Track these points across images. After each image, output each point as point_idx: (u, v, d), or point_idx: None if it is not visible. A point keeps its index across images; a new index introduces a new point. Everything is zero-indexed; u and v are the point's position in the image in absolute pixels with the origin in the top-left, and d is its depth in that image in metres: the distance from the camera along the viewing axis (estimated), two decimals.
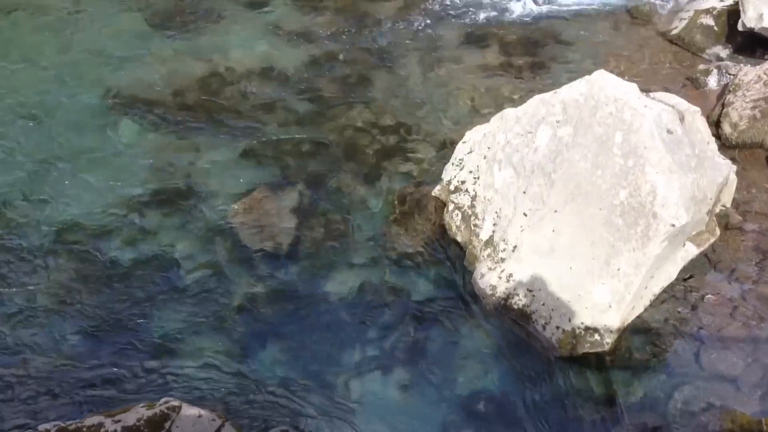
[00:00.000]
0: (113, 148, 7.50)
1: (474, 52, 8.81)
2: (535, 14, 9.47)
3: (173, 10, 9.48)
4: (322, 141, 7.56)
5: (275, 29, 9.18)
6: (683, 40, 8.64)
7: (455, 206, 6.39)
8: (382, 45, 8.95)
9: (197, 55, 8.72)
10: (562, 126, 5.72)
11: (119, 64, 8.58)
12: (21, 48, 8.79)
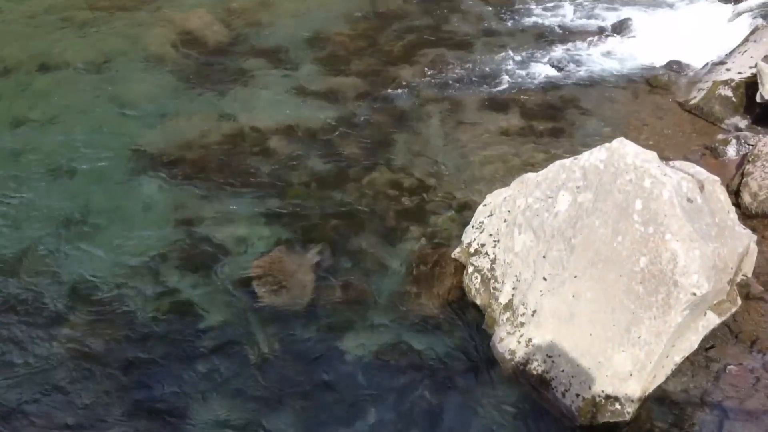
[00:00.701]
0: (136, 204, 7.61)
1: (495, 117, 8.94)
2: (556, 81, 9.61)
3: (201, 70, 9.72)
4: (343, 201, 7.65)
5: (300, 90, 9.37)
6: (702, 110, 8.73)
7: (475, 269, 6.42)
8: (404, 107, 9.09)
9: (223, 114, 8.90)
10: (582, 192, 5.76)
11: (146, 122, 8.77)
12: (48, 103, 9.01)
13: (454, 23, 11.01)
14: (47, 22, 10.60)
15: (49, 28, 10.46)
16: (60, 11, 10.88)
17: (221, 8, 11.11)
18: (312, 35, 10.54)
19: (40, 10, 10.88)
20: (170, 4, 11.17)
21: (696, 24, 10.58)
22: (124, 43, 10.24)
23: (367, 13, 11.20)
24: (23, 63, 9.65)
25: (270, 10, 11.17)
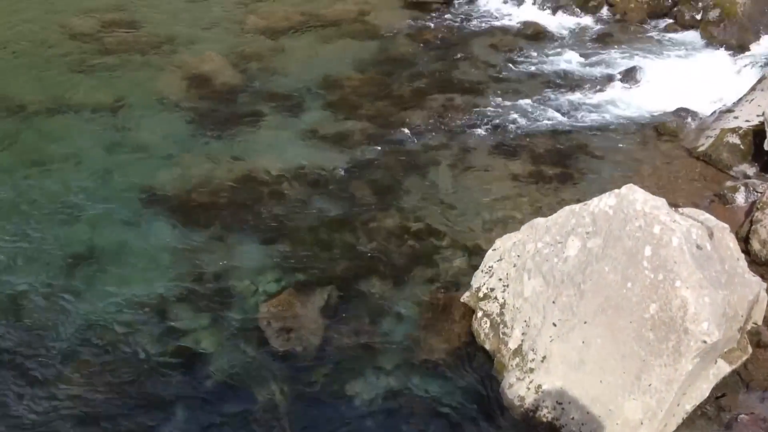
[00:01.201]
0: (144, 247, 7.62)
1: (504, 161, 9.00)
2: (565, 127, 9.69)
3: (213, 113, 9.83)
4: (352, 244, 7.67)
5: (311, 134, 9.46)
6: (710, 157, 8.77)
7: (484, 313, 6.41)
8: (414, 152, 9.17)
9: (233, 157, 8.97)
10: (592, 237, 5.78)
11: (156, 164, 8.84)
12: (60, 145, 9.09)
13: (464, 69, 11.14)
14: (61, 65, 10.76)
15: (63, 71, 10.62)
16: (74, 55, 11.06)
17: (234, 53, 11.29)
18: (323, 80, 10.67)
19: (55, 54, 11.06)
20: (184, 48, 11.36)
21: (703, 72, 10.70)
22: (137, 85, 10.39)
23: (377, 59, 11.37)
24: (37, 105, 9.77)
25: (282, 55, 11.34)
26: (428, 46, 11.83)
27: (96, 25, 11.90)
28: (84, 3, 12.65)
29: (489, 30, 12.44)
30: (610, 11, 12.74)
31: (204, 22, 12.27)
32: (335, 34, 12.10)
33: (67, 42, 11.40)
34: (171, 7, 12.79)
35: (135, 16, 12.29)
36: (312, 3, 13.11)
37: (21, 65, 10.73)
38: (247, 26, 12.16)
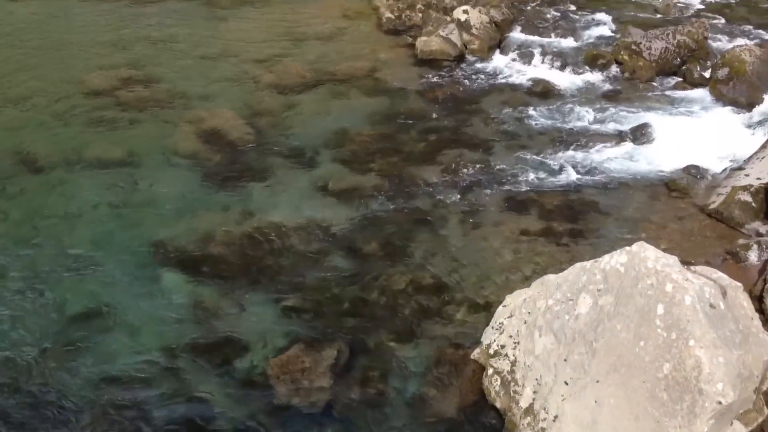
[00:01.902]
0: (155, 300, 7.62)
1: (514, 217, 8.99)
2: (575, 183, 9.71)
3: (225, 167, 9.91)
4: (362, 299, 7.64)
5: (322, 189, 9.51)
6: (722, 214, 8.75)
7: (495, 371, 6.34)
8: (424, 207, 9.19)
9: (245, 211, 9.01)
10: (603, 295, 5.74)
11: (168, 218, 8.89)
12: (73, 199, 9.17)
13: (474, 125, 11.23)
14: (76, 121, 10.92)
15: (77, 127, 10.77)
16: (89, 111, 11.22)
17: (247, 108, 11.44)
18: (334, 135, 10.77)
19: (69, 109, 11.22)
20: (197, 104, 11.52)
21: (713, 130, 10.75)
22: (150, 140, 10.50)
23: (388, 115, 11.48)
24: (50, 159, 9.87)
25: (294, 111, 11.48)
26: (439, 103, 11.96)
27: (111, 81, 12.09)
28: (100, 60, 12.91)
29: (499, 87, 12.58)
30: (618, 69, 12.86)
31: (217, 79, 12.46)
32: (347, 91, 12.26)
33: (82, 98, 11.59)
34: (185, 64, 13.02)
35: (150, 73, 12.50)
36: (324, 60, 13.32)
37: (36, 121, 10.87)
38: (260, 83, 12.35)
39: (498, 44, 13.92)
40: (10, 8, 15.35)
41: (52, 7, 15.47)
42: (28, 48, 13.29)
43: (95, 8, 15.49)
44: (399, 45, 14.22)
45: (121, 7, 15.65)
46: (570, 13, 15.26)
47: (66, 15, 15.07)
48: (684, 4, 16.09)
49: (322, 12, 15.73)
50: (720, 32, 14.23)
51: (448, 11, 14.69)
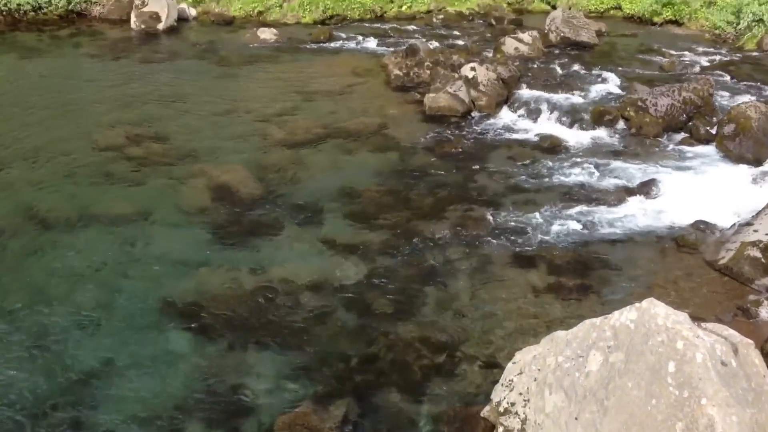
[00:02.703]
0: (163, 355, 7.57)
1: (523, 273, 8.97)
2: (583, 238, 9.71)
3: (234, 223, 9.95)
4: (370, 355, 7.59)
5: (330, 244, 9.53)
6: (731, 270, 8.72)
7: (505, 429, 6.24)
8: (432, 262, 9.18)
9: (253, 266, 9.02)
10: (614, 352, 5.69)
11: (177, 273, 8.89)
12: (83, 255, 9.17)
13: (482, 180, 11.30)
14: (86, 177, 11.01)
15: (88, 182, 10.85)
16: (99, 166, 11.32)
17: (256, 164, 11.54)
18: (342, 190, 10.84)
19: (80, 166, 11.33)
20: (207, 160, 11.63)
21: (721, 185, 10.78)
22: (160, 196, 10.57)
23: (397, 170, 11.56)
24: (59, 215, 9.92)
25: (302, 167, 11.57)
26: (447, 158, 12.05)
27: (120, 138, 12.23)
28: (109, 117, 13.08)
29: (506, 143, 12.69)
30: (625, 125, 12.98)
31: (227, 135, 12.61)
32: (356, 147, 12.37)
33: (91, 155, 11.71)
34: (196, 120, 13.18)
35: (159, 130, 12.66)
36: (333, 116, 13.49)
37: (44, 178, 10.95)
38: (269, 139, 12.48)
39: (505, 100, 14.09)
40: (20, 66, 15.64)
41: (62, 64, 15.77)
42: (38, 106, 13.50)
43: (105, 66, 15.78)
44: (407, 101, 14.40)
45: (131, 64, 15.94)
46: (576, 70, 15.48)
47: (76, 73, 15.36)
48: (689, 62, 16.30)
49: (331, 69, 15.99)
50: (725, 89, 14.39)
51: (456, 68, 14.91)
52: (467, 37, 18.43)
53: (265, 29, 18.35)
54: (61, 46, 17.16)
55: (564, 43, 17.24)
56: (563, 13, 17.87)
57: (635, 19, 19.82)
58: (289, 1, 20.04)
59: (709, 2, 18.97)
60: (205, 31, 18.81)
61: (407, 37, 18.23)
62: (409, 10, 20.51)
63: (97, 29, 18.39)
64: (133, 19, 18.42)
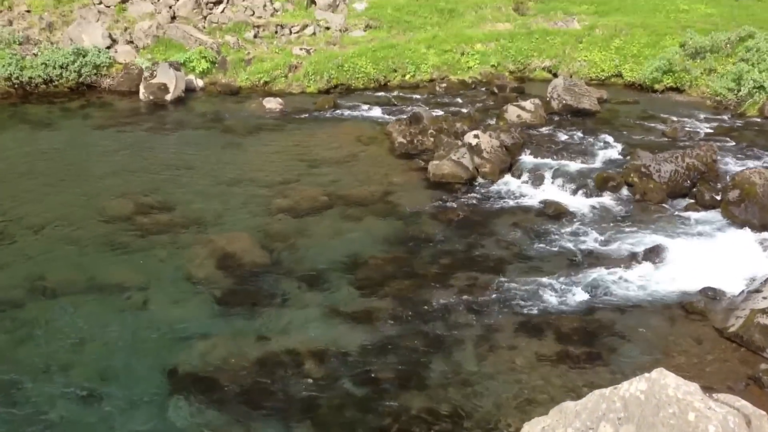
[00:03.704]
0: (168, 426, 7.48)
1: (530, 341, 8.87)
2: (590, 305, 9.63)
3: (239, 291, 9.92)
4: (376, 426, 7.46)
5: (335, 312, 9.46)
6: (741, 338, 8.61)
7: None
8: (438, 330, 9.10)
9: (258, 335, 8.95)
10: (624, 424, 5.56)
11: (182, 343, 8.83)
12: (88, 325, 9.12)
13: (487, 247, 11.27)
14: (93, 246, 11.03)
15: (95, 252, 10.87)
16: (107, 236, 11.36)
17: (261, 232, 11.56)
18: (347, 258, 10.82)
19: (87, 235, 11.36)
20: (213, 228, 11.66)
21: (728, 251, 10.73)
22: (166, 265, 10.58)
23: (401, 237, 11.56)
24: (65, 285, 9.92)
25: (307, 235, 11.58)
26: (451, 225, 12.05)
27: (128, 207, 12.30)
28: (118, 187, 13.18)
29: (511, 209, 12.70)
30: (629, 191, 13.00)
31: (233, 203, 12.67)
32: (360, 214, 12.40)
33: (101, 224, 11.77)
34: (202, 189, 13.26)
35: (168, 198, 12.73)
36: (337, 184, 13.56)
37: (52, 247, 10.98)
38: (275, 207, 12.52)
39: (509, 167, 14.17)
40: (31, 137, 15.84)
41: (71, 135, 15.97)
42: (48, 175, 13.62)
43: (114, 136, 15.98)
44: (411, 169, 14.49)
45: (139, 135, 16.14)
46: (579, 137, 15.60)
47: (85, 143, 15.54)
48: (691, 128, 16.42)
49: (336, 137, 16.16)
50: (728, 155, 14.46)
51: (459, 136, 15.06)
52: (470, 104, 18.65)
53: (271, 99, 18.62)
54: (71, 117, 17.42)
55: (566, 110, 17.42)
56: (565, 81, 18.10)
57: (636, 87, 20.07)
58: (294, 71, 20.36)
59: (709, 70, 19.21)
60: (212, 101, 19.09)
61: (411, 105, 18.45)
62: (412, 78, 20.81)
63: (107, 101, 18.69)
64: (141, 90, 18.73)
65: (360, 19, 23.55)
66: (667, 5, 24.04)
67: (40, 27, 21.02)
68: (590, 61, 20.91)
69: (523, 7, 24.78)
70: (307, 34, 22.71)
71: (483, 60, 21.35)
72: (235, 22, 22.40)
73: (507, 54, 21.50)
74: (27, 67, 18.77)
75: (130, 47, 20.77)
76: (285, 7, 23.81)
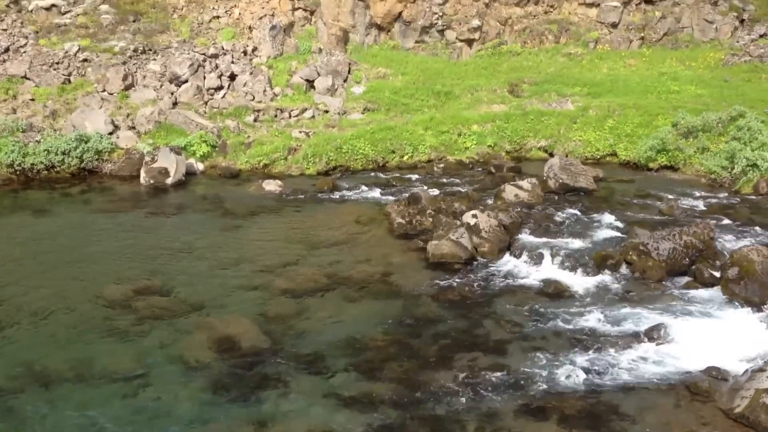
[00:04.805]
0: None
1: (533, 424, 8.76)
2: (593, 386, 9.52)
3: (238, 375, 9.82)
4: None
5: (335, 396, 9.35)
6: (748, 419, 8.49)
7: None
8: (440, 413, 8.99)
9: (257, 420, 8.83)
10: None
11: (180, 429, 8.69)
12: (85, 411, 9.01)
13: (487, 327, 11.21)
14: (90, 333, 10.95)
15: (91, 338, 10.79)
16: (104, 321, 11.29)
17: (261, 315, 11.51)
18: (347, 341, 10.75)
19: (84, 321, 11.30)
20: (212, 311, 11.61)
21: (730, 329, 10.69)
22: (164, 350, 10.49)
23: (402, 319, 11.50)
24: (62, 372, 9.82)
25: (307, 317, 11.54)
26: (452, 306, 12.00)
27: (127, 292, 12.26)
28: (116, 271, 13.18)
29: (511, 289, 12.67)
30: (628, 269, 13.00)
31: (232, 286, 12.64)
32: (360, 295, 12.37)
33: (98, 309, 11.71)
34: (200, 272, 13.26)
35: (167, 282, 12.71)
36: (337, 265, 13.57)
37: (50, 334, 10.90)
38: (274, 289, 12.50)
39: (508, 246, 14.21)
40: (32, 223, 15.88)
41: (72, 221, 16.03)
42: (48, 262, 13.62)
43: (114, 220, 16.06)
44: (410, 249, 14.52)
45: (140, 219, 16.22)
46: (576, 215, 15.71)
47: (86, 228, 15.58)
48: (687, 206, 16.54)
49: (335, 219, 16.25)
50: (725, 232, 14.54)
51: (458, 215, 15.14)
52: (468, 184, 18.81)
53: (271, 181, 18.79)
54: (72, 202, 17.53)
55: (563, 189, 17.58)
56: (560, 160, 18.33)
57: (631, 165, 20.28)
58: (294, 154, 20.61)
59: (702, 148, 19.46)
60: (212, 184, 19.26)
61: (409, 185, 18.63)
62: (410, 159, 21.04)
63: (108, 185, 18.85)
64: (142, 174, 18.92)
65: (358, 102, 23.99)
66: (658, 86, 24.48)
67: (44, 115, 21.39)
68: (585, 141, 21.20)
69: (517, 89, 25.25)
70: (306, 118, 23.10)
71: (480, 140, 21.65)
72: (235, 106, 22.81)
73: (503, 134, 21.82)
74: (29, 153, 18.99)
75: (132, 132, 21.09)
76: (285, 91, 24.27)
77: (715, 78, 25.80)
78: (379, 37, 28.41)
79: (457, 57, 28.32)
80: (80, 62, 23.50)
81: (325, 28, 27.34)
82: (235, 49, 25.44)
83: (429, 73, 26.43)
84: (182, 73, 23.40)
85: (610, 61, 27.86)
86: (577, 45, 29.02)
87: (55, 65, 23.11)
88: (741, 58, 27.23)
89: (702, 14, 29.01)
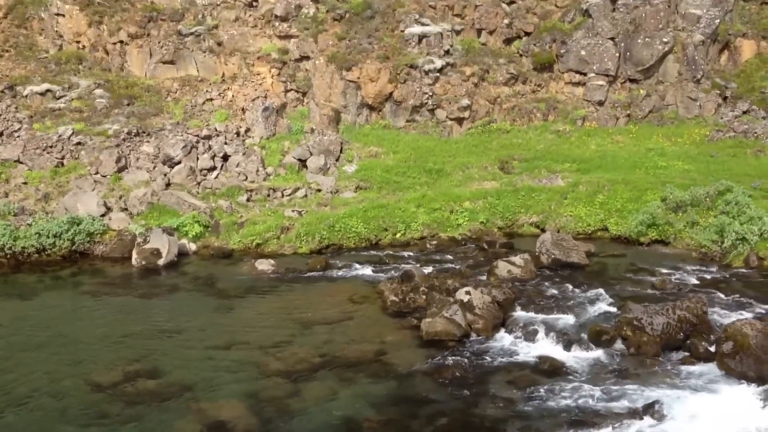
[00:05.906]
0: None
1: None
2: None
3: None
4: None
5: None
6: None
7: None
8: None
9: None
10: None
11: None
12: None
13: (482, 406, 11.06)
14: (80, 417, 10.79)
15: (82, 423, 10.60)
16: (92, 407, 11.13)
17: (253, 397, 11.35)
18: (341, 422, 10.59)
19: (71, 407, 11.13)
20: (202, 395, 11.44)
21: (727, 405, 10.59)
22: None
23: (396, 398, 11.35)
24: None
25: (300, 398, 11.38)
26: (446, 384, 11.86)
27: (116, 376, 12.12)
28: (108, 355, 13.05)
29: (505, 366, 12.55)
30: (623, 345, 12.92)
31: (224, 368, 12.49)
32: (354, 375, 12.23)
33: (87, 394, 11.55)
34: (192, 354, 13.12)
35: (157, 365, 12.56)
36: (330, 345, 13.45)
37: (38, 420, 10.71)
38: (267, 370, 12.36)
39: (502, 323, 14.15)
40: (21, 308, 15.79)
41: (62, 304, 15.94)
42: (36, 347, 13.48)
43: (105, 304, 15.97)
44: (404, 327, 14.43)
45: (130, 301, 16.13)
46: (569, 291, 15.71)
47: (76, 312, 15.48)
48: (679, 280, 16.57)
49: (328, 297, 16.19)
50: (718, 306, 14.54)
51: (451, 292, 15.11)
52: (461, 261, 18.84)
53: (263, 260, 18.78)
54: (63, 286, 17.48)
55: (555, 264, 17.63)
56: (552, 236, 18.43)
57: (622, 240, 20.37)
58: (287, 233, 20.67)
59: (692, 222, 19.60)
60: (205, 264, 19.24)
61: (402, 263, 18.64)
62: (403, 237, 21.11)
63: (99, 268, 18.81)
64: (134, 256, 18.91)
65: (350, 181, 24.22)
66: (646, 162, 24.81)
67: (36, 198, 21.53)
68: (576, 216, 21.35)
69: (508, 166, 25.56)
70: (298, 197, 23.27)
71: (472, 217, 21.78)
72: (228, 186, 22.99)
73: (495, 211, 21.97)
74: (20, 237, 19.02)
75: (124, 214, 21.17)
76: (277, 171, 24.51)
77: (701, 153, 26.19)
78: (371, 116, 28.87)
79: (447, 135, 28.72)
80: (74, 145, 23.78)
81: (317, 108, 27.83)
82: (228, 130, 25.80)
83: (420, 151, 26.76)
84: (175, 154, 23.67)
85: (598, 138, 28.29)
86: (565, 122, 29.52)
87: (49, 149, 23.38)
88: (726, 133, 27.72)
89: (686, 92, 29.63)
